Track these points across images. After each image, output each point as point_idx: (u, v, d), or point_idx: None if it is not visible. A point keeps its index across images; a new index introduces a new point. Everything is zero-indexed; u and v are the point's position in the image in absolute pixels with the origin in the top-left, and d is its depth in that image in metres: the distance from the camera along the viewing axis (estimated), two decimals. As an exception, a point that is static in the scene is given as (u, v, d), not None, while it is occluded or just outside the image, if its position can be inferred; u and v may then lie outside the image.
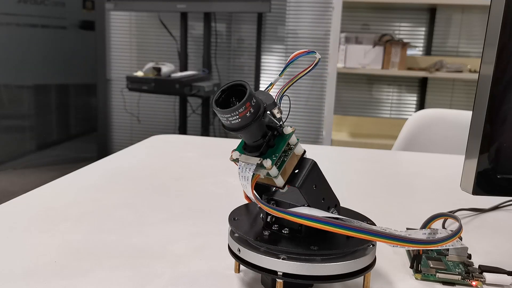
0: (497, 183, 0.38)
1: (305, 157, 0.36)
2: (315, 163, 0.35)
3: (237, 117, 0.31)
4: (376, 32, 2.58)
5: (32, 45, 3.10)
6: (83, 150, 3.34)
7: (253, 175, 0.33)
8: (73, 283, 0.37)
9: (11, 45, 3.00)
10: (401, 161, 0.94)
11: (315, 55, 0.34)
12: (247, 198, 0.40)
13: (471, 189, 0.38)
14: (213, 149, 0.91)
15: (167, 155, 0.85)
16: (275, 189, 0.37)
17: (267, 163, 0.33)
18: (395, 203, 0.63)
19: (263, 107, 0.32)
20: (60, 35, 3.27)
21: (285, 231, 0.36)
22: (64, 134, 3.51)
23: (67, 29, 3.30)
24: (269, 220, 0.36)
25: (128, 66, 2.89)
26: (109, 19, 2.85)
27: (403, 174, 0.81)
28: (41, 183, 0.61)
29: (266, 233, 0.35)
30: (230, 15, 2.74)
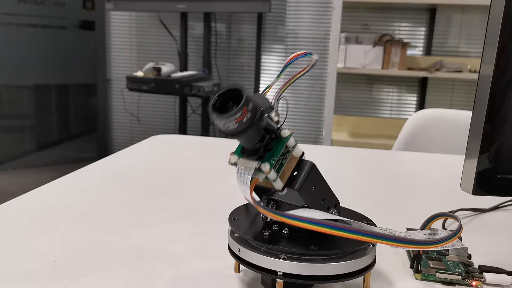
0: (497, 183, 0.38)
1: (303, 159, 0.35)
2: (313, 164, 0.35)
3: (234, 122, 0.31)
4: (376, 32, 2.58)
5: (32, 45, 3.10)
6: (83, 150, 3.34)
7: (252, 179, 0.33)
8: (73, 283, 0.37)
9: (11, 45, 3.00)
10: (401, 161, 0.94)
11: (311, 56, 0.34)
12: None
13: (471, 189, 0.38)
14: (213, 149, 0.91)
15: (167, 155, 0.85)
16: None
17: (265, 167, 0.33)
18: (395, 203, 0.63)
19: (260, 111, 0.32)
20: (60, 35, 3.27)
21: (285, 231, 0.36)
22: (64, 134, 3.51)
23: (67, 29, 3.30)
24: (269, 220, 0.36)
25: (128, 66, 2.89)
26: (109, 19, 2.85)
27: (403, 174, 0.81)
28: (41, 183, 0.61)
29: (266, 233, 0.35)
30: (230, 15, 2.74)
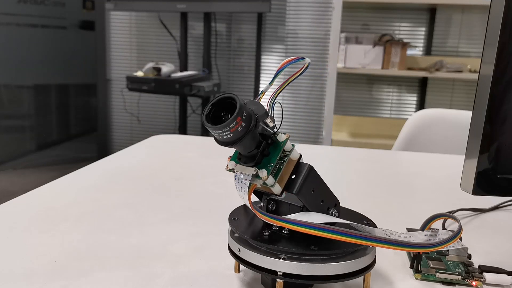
0: (497, 183, 0.38)
1: (301, 161, 0.35)
2: (311, 167, 0.35)
3: (229, 132, 0.30)
4: (376, 32, 2.58)
5: (32, 45, 3.10)
6: (83, 150, 3.34)
7: (250, 185, 0.33)
8: (73, 283, 0.37)
9: (11, 45, 3.00)
10: (401, 161, 0.94)
11: (304, 61, 0.34)
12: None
13: (471, 189, 0.38)
14: (213, 149, 0.91)
15: (167, 155, 0.85)
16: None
17: (263, 174, 0.33)
18: (395, 203, 0.63)
19: (254, 119, 0.31)
20: (60, 35, 3.27)
21: (285, 231, 0.36)
22: (64, 134, 3.51)
23: (67, 29, 3.30)
24: (269, 220, 0.36)
25: (128, 66, 2.89)
26: (109, 19, 2.85)
27: (403, 174, 0.81)
28: (41, 183, 0.61)
29: (266, 233, 0.35)
30: (230, 15, 2.74)
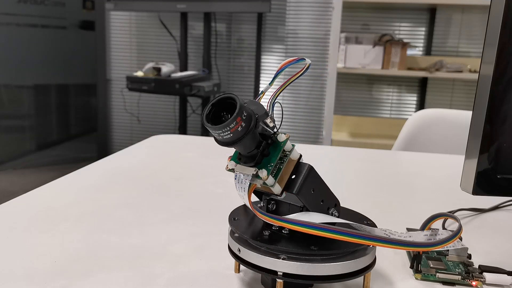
0: (497, 183, 0.38)
1: (301, 161, 0.35)
2: (311, 167, 0.35)
3: (229, 132, 0.30)
4: (376, 32, 2.58)
5: (32, 45, 3.10)
6: (83, 150, 3.34)
7: (250, 185, 0.33)
8: (73, 283, 0.37)
9: (11, 45, 3.00)
10: (401, 161, 0.94)
11: (304, 62, 0.34)
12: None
13: (471, 189, 0.38)
14: (213, 149, 0.91)
15: (167, 155, 0.85)
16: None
17: (263, 174, 0.33)
18: (395, 203, 0.63)
19: (254, 119, 0.31)
20: (60, 35, 3.27)
21: (285, 231, 0.36)
22: (64, 134, 3.51)
23: (67, 29, 3.30)
24: (269, 220, 0.36)
25: (128, 66, 2.89)
26: (109, 19, 2.85)
27: (403, 174, 0.81)
28: (41, 183, 0.61)
29: (266, 233, 0.35)
30: (230, 15, 2.74)
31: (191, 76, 2.36)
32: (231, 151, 0.35)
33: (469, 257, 0.43)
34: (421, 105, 2.69)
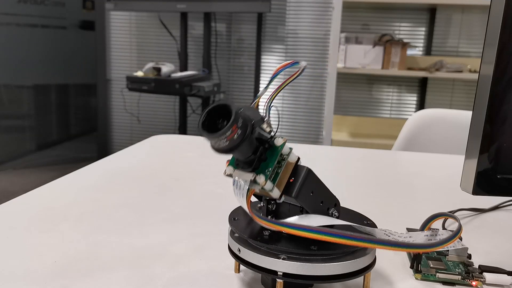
0: (497, 183, 0.38)
1: (299, 164, 0.35)
2: (309, 170, 0.35)
3: (225, 140, 0.30)
4: (376, 32, 2.58)
5: (32, 45, 3.10)
6: (83, 150, 3.34)
7: (248, 191, 0.33)
8: (73, 283, 0.37)
9: (11, 45, 3.00)
10: (401, 161, 0.94)
11: (299, 65, 0.34)
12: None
13: (471, 189, 0.38)
14: (213, 149, 0.91)
15: (167, 155, 0.85)
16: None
17: (261, 179, 0.33)
18: (395, 203, 0.63)
19: (250, 126, 0.31)
20: (60, 35, 3.27)
21: (285, 231, 0.36)
22: (64, 134, 3.52)
23: (67, 29, 3.30)
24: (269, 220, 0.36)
25: (128, 66, 2.89)
26: (109, 19, 2.85)
27: (403, 174, 0.81)
28: (41, 183, 0.61)
29: (266, 233, 0.35)
30: (230, 15, 2.74)
31: (191, 76, 2.36)
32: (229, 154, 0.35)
33: (469, 257, 0.43)
34: (421, 105, 2.69)
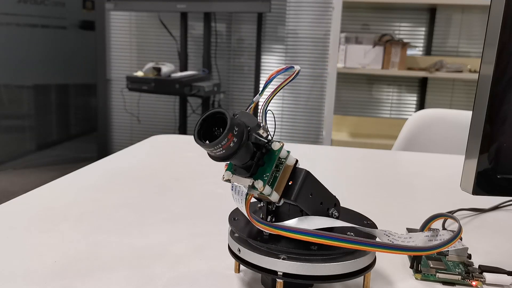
0: (497, 183, 0.38)
1: (297, 167, 0.35)
2: (308, 173, 0.35)
3: (221, 148, 0.30)
4: (376, 32, 2.58)
5: (32, 45, 3.10)
6: (83, 150, 3.34)
7: (247, 196, 0.33)
8: (73, 283, 0.37)
9: (11, 45, 3.00)
10: (401, 161, 0.94)
11: (293, 69, 0.34)
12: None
13: (471, 189, 0.38)
14: (213, 149, 0.91)
15: (167, 155, 0.85)
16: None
17: (259, 185, 0.33)
18: (395, 203, 0.63)
19: (247, 133, 0.31)
20: (60, 35, 3.27)
21: (285, 231, 0.36)
22: (64, 134, 3.52)
23: (67, 29, 3.31)
24: (269, 220, 0.36)
25: (128, 66, 2.89)
26: (109, 19, 2.85)
27: (403, 174, 0.81)
28: (41, 183, 0.61)
29: (266, 233, 0.35)
30: (230, 15, 2.74)
31: (191, 76, 2.36)
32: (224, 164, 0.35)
33: (469, 257, 0.43)
34: (421, 105, 2.69)
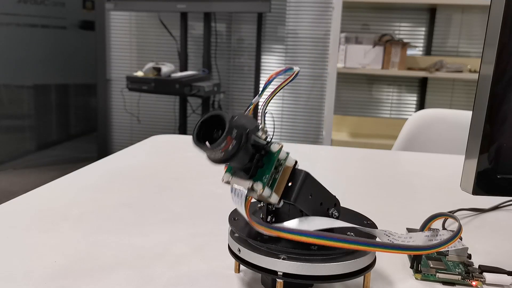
0: (497, 183, 0.38)
1: (297, 168, 0.35)
2: (307, 174, 0.35)
3: (220, 151, 0.30)
4: (376, 32, 2.58)
5: (32, 45, 3.10)
6: (83, 150, 3.34)
7: (246, 198, 0.33)
8: (73, 283, 0.37)
9: (11, 45, 3.00)
10: (401, 161, 0.94)
11: (293, 70, 0.34)
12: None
13: (471, 189, 0.38)
14: (213, 149, 0.91)
15: (167, 155, 0.85)
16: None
17: (258, 187, 0.32)
18: (395, 203, 0.63)
19: (245, 135, 0.31)
20: (60, 35, 3.27)
21: (285, 231, 0.36)
22: (64, 134, 3.52)
23: (67, 29, 3.31)
24: (269, 220, 0.36)
25: (128, 66, 2.89)
26: (109, 19, 2.85)
27: (403, 174, 0.81)
28: (41, 183, 0.61)
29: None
30: (230, 15, 2.74)
31: (191, 76, 2.36)
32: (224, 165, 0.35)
33: (469, 257, 0.43)
34: (421, 105, 2.69)
